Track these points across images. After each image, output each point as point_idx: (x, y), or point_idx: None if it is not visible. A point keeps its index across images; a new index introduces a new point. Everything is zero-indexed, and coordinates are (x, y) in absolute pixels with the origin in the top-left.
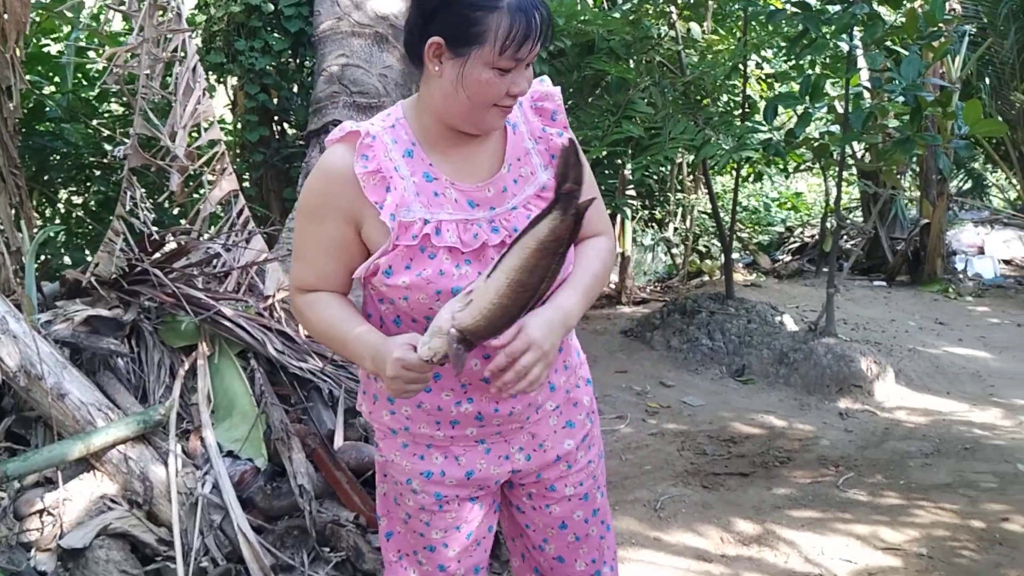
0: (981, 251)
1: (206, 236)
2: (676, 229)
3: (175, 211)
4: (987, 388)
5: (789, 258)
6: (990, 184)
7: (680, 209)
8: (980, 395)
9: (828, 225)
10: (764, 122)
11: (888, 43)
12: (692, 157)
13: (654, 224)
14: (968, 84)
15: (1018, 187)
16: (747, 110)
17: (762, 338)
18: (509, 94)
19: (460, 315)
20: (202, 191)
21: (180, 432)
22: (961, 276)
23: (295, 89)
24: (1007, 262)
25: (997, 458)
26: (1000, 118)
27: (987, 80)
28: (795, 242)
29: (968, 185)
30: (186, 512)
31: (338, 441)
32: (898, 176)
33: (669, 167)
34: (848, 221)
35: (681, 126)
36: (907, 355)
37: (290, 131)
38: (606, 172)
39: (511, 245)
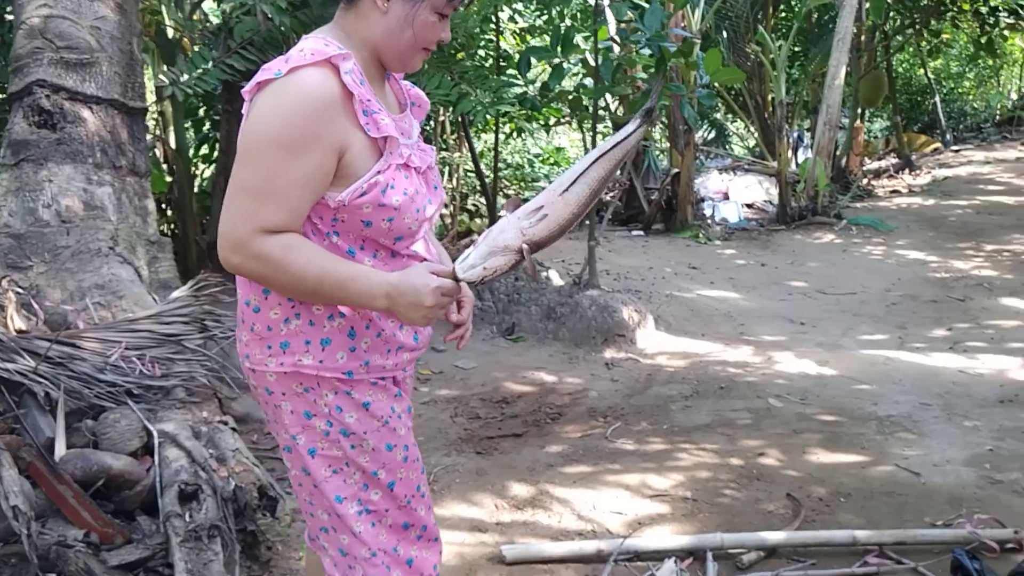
0: (726, 197)
1: None
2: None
3: None
4: (738, 327)
5: None
6: (731, 133)
7: (446, 168)
8: (732, 334)
9: None
10: (518, 75)
11: None
12: (451, 114)
13: None
14: (707, 37)
15: (756, 135)
16: (502, 64)
17: (530, 295)
18: (439, 40)
19: (533, 230)
20: None
21: None
22: (710, 221)
23: None
24: (749, 206)
25: (751, 395)
26: None
27: (724, 33)
28: None
29: (712, 135)
30: None
31: (60, 451)
32: (649, 128)
33: (431, 125)
34: None
35: (436, 80)
36: (665, 301)
37: None
38: None
39: (593, 162)
